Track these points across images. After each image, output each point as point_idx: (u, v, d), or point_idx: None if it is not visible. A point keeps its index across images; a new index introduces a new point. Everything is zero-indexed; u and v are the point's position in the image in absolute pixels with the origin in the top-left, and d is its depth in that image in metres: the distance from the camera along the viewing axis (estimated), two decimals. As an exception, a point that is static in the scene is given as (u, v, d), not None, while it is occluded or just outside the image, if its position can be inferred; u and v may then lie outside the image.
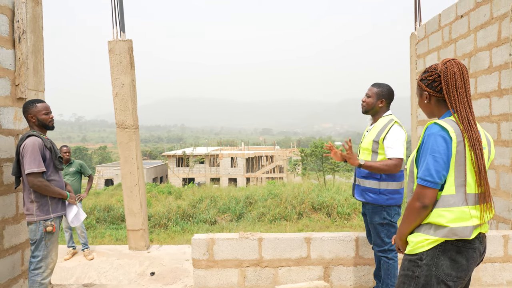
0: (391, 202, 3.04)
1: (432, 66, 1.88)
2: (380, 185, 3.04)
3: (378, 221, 3.08)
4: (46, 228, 3.04)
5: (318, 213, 16.76)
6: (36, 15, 3.79)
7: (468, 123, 1.74)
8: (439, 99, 1.86)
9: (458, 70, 1.78)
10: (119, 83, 5.90)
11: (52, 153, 3.10)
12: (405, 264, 1.82)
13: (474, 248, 1.75)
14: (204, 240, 3.70)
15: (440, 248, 1.73)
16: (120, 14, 5.86)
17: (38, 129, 3.14)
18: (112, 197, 22.08)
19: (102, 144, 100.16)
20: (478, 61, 4.48)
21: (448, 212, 1.72)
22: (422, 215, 1.75)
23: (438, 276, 1.72)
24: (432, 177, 1.70)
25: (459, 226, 1.70)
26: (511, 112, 3.89)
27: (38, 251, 3.06)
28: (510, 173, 3.92)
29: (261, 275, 3.69)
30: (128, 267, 5.97)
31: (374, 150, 3.07)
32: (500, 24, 4.05)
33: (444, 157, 1.70)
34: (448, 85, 1.80)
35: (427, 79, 1.88)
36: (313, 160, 31.82)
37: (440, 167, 1.70)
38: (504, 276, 3.67)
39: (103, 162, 61.16)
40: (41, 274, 3.07)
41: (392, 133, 2.99)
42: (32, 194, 3.02)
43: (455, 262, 1.72)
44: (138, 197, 6.23)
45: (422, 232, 1.78)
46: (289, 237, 3.71)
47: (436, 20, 5.47)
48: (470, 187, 1.73)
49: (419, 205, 1.73)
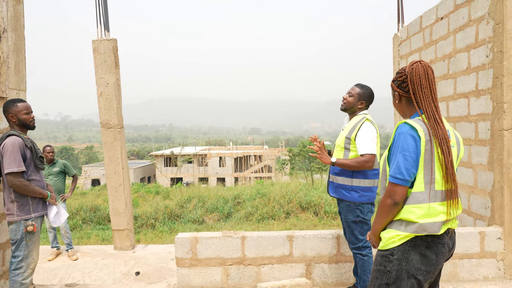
0: (363, 199, 3.11)
1: (402, 68, 1.96)
2: (352, 182, 3.11)
3: (351, 218, 3.15)
4: (27, 228, 3.03)
5: (305, 212, 16.88)
6: (18, 14, 3.76)
7: (434, 121, 1.80)
8: (409, 100, 1.93)
9: (423, 71, 1.86)
10: (104, 82, 5.87)
11: (32, 152, 3.09)
12: (377, 260, 1.88)
13: (443, 243, 1.82)
14: (188, 239, 3.73)
15: (411, 244, 1.79)
16: (105, 13, 5.83)
17: (19, 128, 3.12)
18: (99, 197, 21.85)
19: (88, 144, 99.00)
20: (457, 62, 4.58)
21: (417, 208, 1.78)
22: (394, 212, 1.81)
23: (409, 271, 1.78)
24: (402, 174, 1.76)
25: (428, 222, 1.77)
26: (488, 112, 4.00)
27: (19, 251, 3.04)
28: (487, 172, 4.03)
29: (244, 273, 3.73)
30: (113, 267, 5.94)
31: (346, 147, 3.15)
32: (477, 26, 4.15)
33: (414, 155, 1.76)
34: (414, 86, 1.87)
35: (397, 80, 1.96)
36: (301, 160, 32.00)
37: (409, 165, 1.76)
38: (481, 271, 3.77)
39: (90, 162, 60.48)
40: (22, 274, 3.06)
41: (363, 130, 3.07)
42: (12, 194, 3.01)
43: (424, 257, 1.79)
44: (123, 196, 6.21)
45: (393, 228, 1.84)
46: (272, 235, 3.76)
47: (417, 21, 5.58)
48: (438, 184, 1.80)
49: (390, 202, 1.79)
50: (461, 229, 3.82)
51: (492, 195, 3.93)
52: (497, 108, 3.81)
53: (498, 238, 3.75)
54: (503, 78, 3.72)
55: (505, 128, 3.72)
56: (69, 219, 16.08)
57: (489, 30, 3.93)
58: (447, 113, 4.84)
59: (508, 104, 3.71)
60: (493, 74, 3.88)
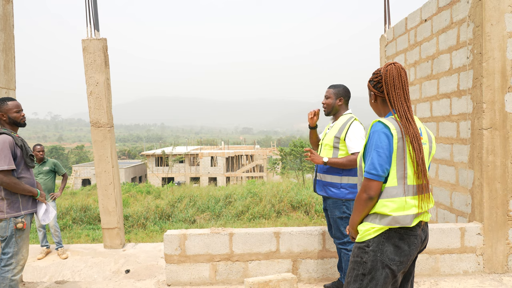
0: (351, 196, 3.21)
1: (378, 69, 2.06)
2: (341, 179, 3.21)
3: (338, 215, 3.24)
4: (17, 225, 3.07)
5: (296, 211, 17.00)
6: (7, 13, 3.79)
7: (406, 120, 1.91)
8: (383, 99, 2.04)
9: (397, 72, 1.96)
10: (94, 81, 5.91)
11: (23, 150, 3.13)
12: (355, 251, 1.98)
13: (416, 235, 1.92)
14: (177, 236, 3.79)
15: (385, 236, 1.89)
16: (94, 13, 5.86)
17: (9, 126, 3.16)
18: (89, 197, 21.75)
19: (79, 143, 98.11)
20: (440, 63, 4.71)
21: (391, 202, 1.88)
22: (369, 205, 1.91)
23: (383, 261, 1.88)
24: (376, 170, 1.86)
25: (400, 215, 1.87)
26: (468, 111, 4.12)
27: (9, 248, 3.09)
28: (468, 170, 4.16)
29: (232, 269, 3.81)
30: (103, 265, 5.98)
31: (335, 146, 3.24)
32: (459, 28, 4.28)
33: (387, 152, 1.86)
34: (387, 86, 1.98)
35: (373, 80, 2.06)
36: (292, 159, 32.15)
37: (383, 161, 1.86)
38: (461, 266, 3.90)
39: (80, 161, 60.00)
40: (11, 271, 3.10)
41: (353, 130, 3.17)
42: (2, 191, 3.04)
43: (398, 248, 1.89)
44: (113, 195, 6.24)
45: (369, 221, 1.94)
46: (259, 232, 3.84)
47: (403, 23, 5.71)
48: (410, 179, 1.90)
49: (365, 196, 1.89)
50: (442, 225, 3.94)
51: (473, 192, 4.06)
52: (477, 108, 3.94)
53: (477, 234, 3.88)
54: (483, 79, 3.85)
55: (484, 127, 3.85)
56: (59, 219, 16.01)
57: (470, 33, 4.06)
58: (431, 113, 4.97)
59: (487, 104, 3.84)
60: (473, 75, 4.01)
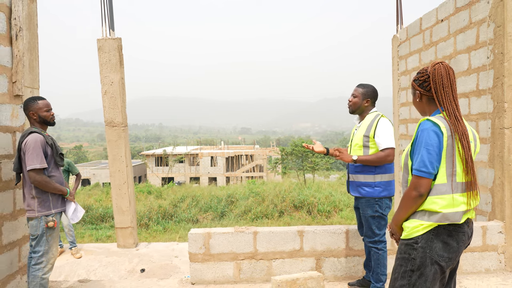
0: (385, 193, 3.23)
1: (424, 68, 2.10)
2: (375, 178, 3.23)
3: (370, 213, 3.27)
4: (48, 224, 3.09)
5: (299, 211, 17.03)
6: (32, 13, 3.80)
7: (455, 118, 1.94)
8: (429, 98, 2.07)
9: (445, 71, 2.00)
10: (108, 81, 5.92)
11: (53, 149, 3.15)
12: (401, 248, 2.00)
13: (464, 232, 1.95)
14: (201, 235, 3.81)
15: (434, 232, 1.92)
16: (110, 13, 5.88)
17: (39, 125, 3.18)
18: (90, 197, 21.70)
19: (77, 143, 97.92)
20: (457, 63, 4.75)
21: (440, 199, 1.91)
22: (418, 203, 1.94)
23: (432, 257, 1.90)
24: (426, 167, 1.89)
25: (450, 212, 1.89)
26: (488, 111, 4.16)
27: (40, 246, 3.10)
28: (487, 169, 4.20)
29: (256, 267, 3.83)
30: (117, 265, 5.99)
31: (365, 144, 3.26)
32: (478, 28, 4.32)
33: (437, 150, 1.89)
34: (436, 85, 2.01)
35: (418, 79, 2.09)
36: (293, 159, 32.17)
37: (433, 159, 1.89)
38: (483, 264, 3.93)
39: (79, 161, 59.83)
40: (42, 269, 3.11)
41: (381, 126, 3.20)
42: (33, 190, 3.06)
43: (447, 245, 1.91)
44: (127, 195, 6.25)
45: (417, 218, 1.96)
46: (283, 231, 3.87)
47: (417, 23, 5.74)
48: (458, 176, 1.93)
49: (415, 194, 1.91)
50: (463, 224, 3.97)
51: (493, 191, 4.09)
52: (498, 107, 3.98)
53: (499, 232, 3.91)
54: (504, 79, 3.88)
55: (506, 126, 3.88)
56: (63, 218, 15.97)
57: (490, 33, 4.09)
58: (447, 112, 5.00)
59: (509, 103, 3.88)
60: (494, 74, 4.04)
